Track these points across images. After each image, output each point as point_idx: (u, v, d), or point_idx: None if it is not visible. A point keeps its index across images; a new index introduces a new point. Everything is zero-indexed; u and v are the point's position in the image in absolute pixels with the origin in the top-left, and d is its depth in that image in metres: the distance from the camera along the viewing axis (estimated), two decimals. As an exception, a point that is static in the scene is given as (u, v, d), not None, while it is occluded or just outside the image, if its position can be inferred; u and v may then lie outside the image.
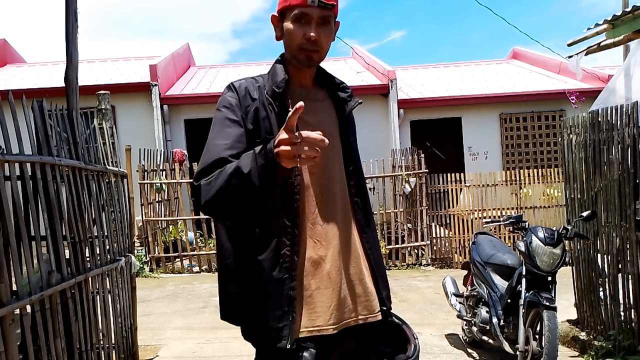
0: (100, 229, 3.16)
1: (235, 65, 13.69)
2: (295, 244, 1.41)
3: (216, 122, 1.47)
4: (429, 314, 5.28)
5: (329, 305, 1.42)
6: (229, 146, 1.40)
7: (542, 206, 7.97)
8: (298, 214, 1.42)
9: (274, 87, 1.46)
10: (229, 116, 1.45)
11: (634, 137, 3.37)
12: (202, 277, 7.54)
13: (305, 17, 1.43)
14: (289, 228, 1.41)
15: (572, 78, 10.45)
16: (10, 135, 2.18)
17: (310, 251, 1.44)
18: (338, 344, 1.47)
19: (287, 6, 1.44)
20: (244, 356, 4.03)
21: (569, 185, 4.27)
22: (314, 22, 1.43)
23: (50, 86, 9.04)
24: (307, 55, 1.46)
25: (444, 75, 12.22)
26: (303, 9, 1.42)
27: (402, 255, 7.94)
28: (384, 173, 8.03)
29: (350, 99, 1.60)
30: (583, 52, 5.12)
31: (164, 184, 8.04)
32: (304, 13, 1.42)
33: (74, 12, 3.00)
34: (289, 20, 1.45)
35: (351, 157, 1.58)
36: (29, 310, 2.23)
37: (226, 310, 1.52)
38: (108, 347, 3.25)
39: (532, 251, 3.37)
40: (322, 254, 1.44)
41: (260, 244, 1.41)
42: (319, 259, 1.44)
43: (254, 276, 1.42)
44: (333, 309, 1.43)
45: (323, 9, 1.43)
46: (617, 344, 3.51)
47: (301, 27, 1.44)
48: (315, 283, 1.43)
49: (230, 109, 1.46)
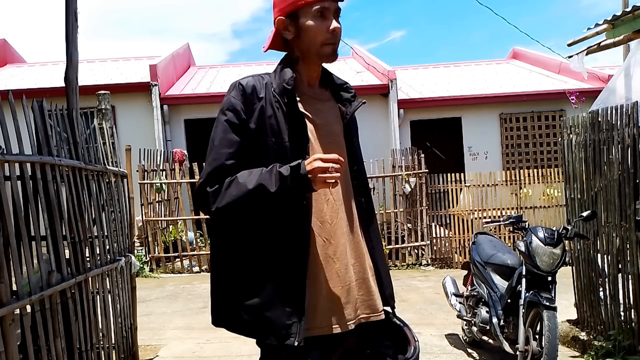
0: (100, 229, 3.16)
1: (235, 65, 13.69)
2: (304, 242, 1.42)
3: (219, 125, 1.46)
4: (429, 314, 5.28)
5: (338, 304, 1.43)
6: (233, 155, 1.42)
7: (542, 206, 7.97)
8: (307, 212, 1.43)
9: (284, 84, 1.46)
10: (233, 121, 1.45)
11: (634, 137, 3.37)
12: (202, 277, 7.54)
13: (326, 11, 1.45)
14: (298, 227, 1.41)
15: (573, 78, 10.46)
16: (10, 135, 2.18)
17: (319, 249, 1.45)
18: (341, 342, 1.48)
19: (303, 4, 1.44)
20: (244, 356, 4.03)
21: (569, 185, 4.27)
22: (332, 15, 1.46)
23: (50, 86, 9.04)
24: (333, 48, 1.48)
25: (444, 75, 12.22)
26: (323, 3, 1.44)
27: (402, 255, 7.94)
28: (384, 173, 8.03)
29: (354, 99, 1.60)
30: (583, 52, 5.12)
31: (164, 184, 8.04)
32: (325, 7, 1.44)
33: (74, 12, 3.00)
34: (309, 18, 1.45)
35: (355, 157, 1.59)
36: (29, 310, 2.23)
37: (220, 314, 1.49)
38: (108, 347, 3.25)
39: (532, 251, 3.37)
40: (331, 252, 1.46)
41: (269, 243, 1.41)
42: (328, 257, 1.45)
43: (262, 274, 1.41)
44: (342, 308, 1.44)
45: (337, 1, 1.47)
46: (617, 344, 3.51)
47: (324, 22, 1.45)
48: (325, 281, 1.43)
49: (234, 112, 1.45)
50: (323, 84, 1.60)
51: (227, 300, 1.47)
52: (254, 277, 1.43)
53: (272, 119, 1.43)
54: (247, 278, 1.44)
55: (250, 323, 1.43)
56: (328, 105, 1.58)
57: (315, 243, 1.44)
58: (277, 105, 1.45)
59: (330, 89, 1.60)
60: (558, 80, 10.82)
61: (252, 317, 1.42)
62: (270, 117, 1.44)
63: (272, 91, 1.46)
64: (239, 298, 1.44)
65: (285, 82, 1.45)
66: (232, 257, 1.48)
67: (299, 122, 1.45)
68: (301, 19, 1.46)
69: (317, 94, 1.56)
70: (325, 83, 1.60)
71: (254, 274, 1.43)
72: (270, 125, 1.43)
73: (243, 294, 1.44)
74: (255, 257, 1.43)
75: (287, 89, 1.45)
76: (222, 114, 1.47)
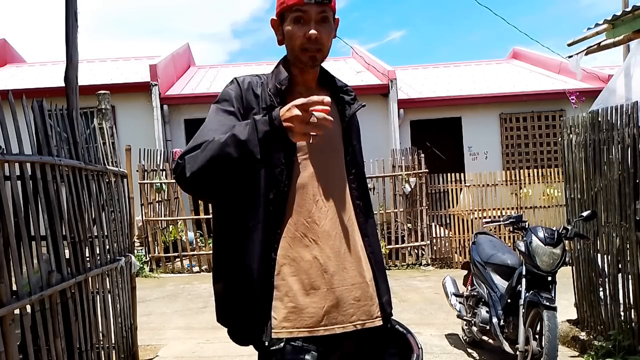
0: (100, 229, 3.16)
1: (235, 65, 13.69)
2: (277, 241, 1.41)
3: (211, 112, 1.47)
4: (429, 314, 5.28)
5: (321, 306, 1.41)
6: (220, 132, 1.37)
7: (542, 206, 7.97)
8: (285, 211, 1.42)
9: (277, 84, 1.46)
10: (225, 107, 1.46)
11: (634, 137, 3.37)
12: (202, 277, 7.53)
13: (304, 17, 1.42)
14: (274, 225, 1.41)
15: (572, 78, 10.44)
16: (10, 135, 2.18)
17: (302, 250, 1.42)
18: (339, 346, 1.46)
19: (285, 7, 1.44)
20: (244, 356, 4.03)
21: (569, 185, 4.27)
22: (313, 21, 1.42)
23: (50, 86, 9.02)
24: (311, 55, 1.45)
25: (444, 75, 12.22)
26: (301, 8, 1.41)
27: (402, 255, 7.94)
28: (384, 173, 8.03)
29: (354, 101, 1.58)
30: (583, 52, 5.11)
31: (164, 184, 8.04)
32: (302, 12, 1.42)
33: (74, 12, 3.00)
34: (289, 22, 1.44)
35: (354, 160, 1.57)
36: (29, 310, 2.23)
37: (218, 311, 1.53)
38: (108, 347, 3.25)
39: (532, 251, 3.37)
40: (317, 253, 1.43)
41: (246, 241, 1.41)
42: (312, 258, 1.42)
43: (239, 273, 1.42)
44: (326, 310, 1.41)
45: (320, 5, 1.42)
46: (617, 344, 3.51)
47: (301, 27, 1.43)
48: (307, 282, 1.41)
49: (229, 101, 1.46)
50: (322, 86, 1.58)
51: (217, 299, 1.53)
52: (231, 276, 1.45)
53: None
54: (226, 276, 1.47)
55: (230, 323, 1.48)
56: None
57: (299, 243, 1.43)
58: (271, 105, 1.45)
59: (331, 90, 1.59)
60: (558, 80, 10.82)
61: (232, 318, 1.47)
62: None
63: (268, 91, 1.46)
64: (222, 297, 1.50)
65: (279, 83, 1.46)
66: (218, 256, 1.51)
67: None
68: (285, 23, 1.46)
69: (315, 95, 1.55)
70: (324, 85, 1.59)
71: (231, 272, 1.45)
72: None
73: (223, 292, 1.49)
74: (233, 256, 1.44)
75: (280, 89, 1.45)
76: (216, 103, 1.48)
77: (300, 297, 1.40)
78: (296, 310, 1.39)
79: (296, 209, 1.44)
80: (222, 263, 1.49)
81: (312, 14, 1.42)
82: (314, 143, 1.32)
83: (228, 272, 1.46)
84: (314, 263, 1.42)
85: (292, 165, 1.43)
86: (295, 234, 1.43)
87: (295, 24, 1.43)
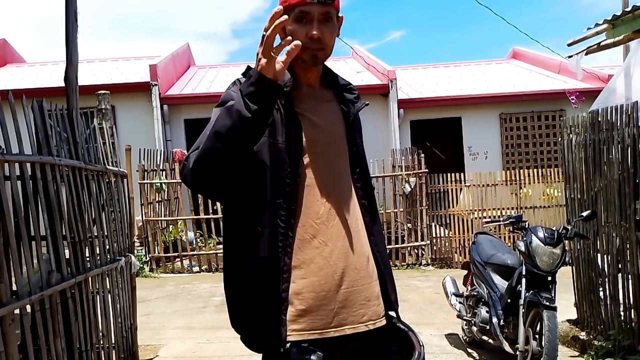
0: (100, 229, 3.16)
1: (235, 65, 13.67)
2: (286, 244, 1.39)
3: (214, 115, 1.45)
4: (429, 314, 5.28)
5: (332, 308, 1.40)
6: None
7: (542, 206, 7.97)
8: (293, 213, 1.41)
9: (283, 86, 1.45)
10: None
11: (634, 137, 3.37)
12: (202, 277, 7.54)
13: (307, 16, 1.41)
14: (282, 227, 1.39)
15: (572, 78, 10.44)
16: (10, 135, 2.18)
17: (312, 252, 1.41)
18: (341, 347, 1.45)
19: (287, 7, 1.42)
20: (244, 356, 4.03)
21: (569, 185, 4.27)
22: (315, 20, 1.41)
23: (50, 86, 9.02)
24: (312, 54, 1.43)
25: (444, 75, 12.22)
26: (303, 7, 1.40)
27: (402, 255, 7.94)
28: (384, 173, 8.03)
29: (357, 100, 1.58)
30: (583, 52, 5.11)
31: (164, 184, 8.04)
32: (304, 12, 1.40)
33: (74, 13, 3.00)
34: (291, 21, 1.42)
35: (358, 159, 1.57)
36: (29, 310, 2.23)
37: (231, 317, 1.51)
38: (108, 347, 3.25)
39: (532, 251, 3.37)
40: (327, 255, 1.42)
41: (256, 244, 1.39)
42: (323, 260, 1.42)
43: (249, 278, 1.40)
44: (336, 312, 1.41)
45: (323, 5, 1.40)
46: (617, 343, 3.51)
47: (303, 27, 1.41)
48: (318, 284, 1.40)
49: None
50: (326, 85, 1.58)
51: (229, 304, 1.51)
52: (242, 280, 1.43)
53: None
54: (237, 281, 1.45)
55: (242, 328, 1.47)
56: (330, 105, 1.55)
57: (308, 245, 1.42)
58: (275, 107, 1.44)
59: (334, 89, 1.58)
60: (558, 80, 10.82)
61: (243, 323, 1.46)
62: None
63: None
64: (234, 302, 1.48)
65: (284, 85, 1.44)
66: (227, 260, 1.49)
67: (295, 123, 1.44)
68: (288, 22, 1.45)
69: (318, 95, 1.54)
70: (328, 83, 1.58)
71: (242, 276, 1.43)
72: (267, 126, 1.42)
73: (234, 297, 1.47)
74: (243, 259, 1.42)
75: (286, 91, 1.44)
76: (218, 106, 1.45)
77: (310, 300, 1.39)
78: (307, 312, 1.39)
79: (304, 210, 1.43)
80: (232, 268, 1.47)
81: (315, 13, 1.41)
82: (318, 143, 1.30)
83: (239, 277, 1.44)
84: (324, 265, 1.42)
85: (298, 166, 1.42)
86: (305, 235, 1.42)
87: (298, 23, 1.42)
